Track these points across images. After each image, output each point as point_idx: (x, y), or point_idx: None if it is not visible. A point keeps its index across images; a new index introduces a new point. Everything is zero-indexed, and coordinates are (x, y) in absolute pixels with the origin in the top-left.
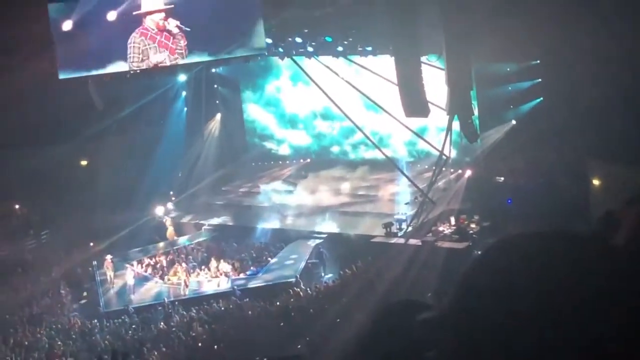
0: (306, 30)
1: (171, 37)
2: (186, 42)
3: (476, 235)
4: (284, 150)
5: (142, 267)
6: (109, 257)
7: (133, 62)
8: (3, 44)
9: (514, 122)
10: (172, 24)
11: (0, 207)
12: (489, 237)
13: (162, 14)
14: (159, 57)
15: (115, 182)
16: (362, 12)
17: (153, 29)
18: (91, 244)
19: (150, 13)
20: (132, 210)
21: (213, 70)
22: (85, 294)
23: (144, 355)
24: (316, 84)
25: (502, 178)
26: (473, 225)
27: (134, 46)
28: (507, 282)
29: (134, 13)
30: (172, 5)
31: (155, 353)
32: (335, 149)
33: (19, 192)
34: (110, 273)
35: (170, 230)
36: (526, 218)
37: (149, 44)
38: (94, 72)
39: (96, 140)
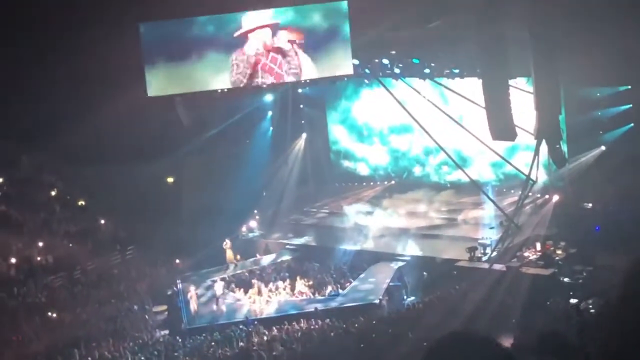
0: (393, 52)
1: (280, 57)
2: (300, 62)
3: (562, 262)
4: (367, 170)
5: (224, 285)
6: (192, 274)
7: (235, 80)
8: (96, 64)
9: (603, 147)
10: (284, 39)
11: (89, 222)
12: (575, 264)
13: (268, 30)
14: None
15: (201, 200)
16: (449, 34)
17: (259, 50)
18: (176, 260)
19: (253, 31)
20: (216, 228)
21: (299, 90)
22: (168, 310)
23: None
24: (402, 106)
25: (590, 204)
26: (559, 252)
27: (237, 64)
28: None
29: (235, 35)
30: (279, 21)
31: None
32: (418, 171)
33: (107, 208)
34: (193, 290)
35: (229, 254)
36: (614, 246)
37: (248, 68)
38: (182, 90)
39: (183, 158)
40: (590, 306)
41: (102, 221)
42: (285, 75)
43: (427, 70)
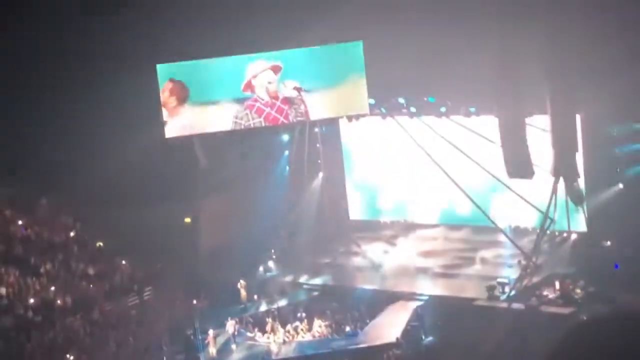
0: (409, 91)
1: (287, 106)
2: (306, 107)
3: (581, 301)
4: (385, 209)
5: (242, 325)
6: (209, 315)
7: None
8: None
9: (621, 185)
10: (289, 87)
11: (106, 263)
12: (594, 302)
13: (270, 73)
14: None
15: (218, 240)
16: (465, 73)
17: (263, 99)
18: (194, 301)
19: (256, 76)
20: (233, 268)
21: (316, 129)
22: (186, 351)
23: None
24: (418, 144)
25: (609, 242)
26: (578, 291)
27: (235, 122)
28: None
29: (242, 88)
30: (279, 62)
31: None
32: (436, 209)
33: (124, 249)
34: (212, 331)
35: (243, 294)
36: (633, 284)
37: (253, 119)
38: (199, 131)
39: (200, 198)
40: None
41: (122, 262)
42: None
43: (443, 109)
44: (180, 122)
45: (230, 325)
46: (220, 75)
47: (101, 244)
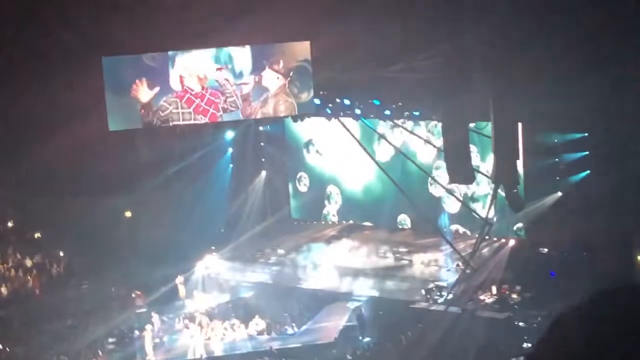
0: (354, 93)
1: (216, 99)
2: (237, 99)
3: (517, 306)
4: (327, 209)
5: (179, 322)
6: (147, 310)
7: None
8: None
9: (559, 193)
10: (221, 77)
11: (44, 254)
12: (530, 308)
13: (202, 64)
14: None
15: (158, 236)
16: (411, 77)
17: (193, 90)
18: (132, 295)
19: (187, 67)
20: (172, 264)
21: (260, 128)
22: (121, 345)
23: None
24: (362, 147)
25: (546, 249)
26: (514, 296)
27: (162, 104)
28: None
29: (171, 79)
30: (212, 55)
31: None
32: (377, 211)
33: (63, 241)
34: (149, 327)
35: (182, 290)
36: (569, 291)
37: (182, 108)
38: (143, 125)
39: (142, 193)
40: None
41: (61, 253)
42: (219, 115)
43: (387, 112)
44: (124, 115)
45: (173, 324)
46: (153, 68)
47: (39, 235)
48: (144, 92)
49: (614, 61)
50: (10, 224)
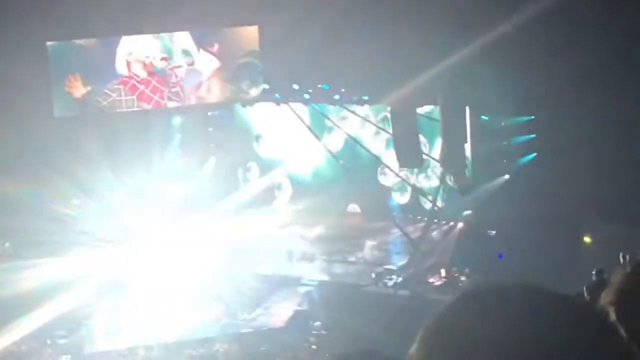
0: (303, 78)
1: (163, 86)
2: (181, 88)
3: (466, 288)
4: (276, 194)
5: (128, 308)
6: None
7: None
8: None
9: (507, 176)
10: (166, 65)
11: None
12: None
13: (149, 49)
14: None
15: (108, 222)
16: (359, 61)
17: (138, 76)
18: (81, 282)
19: (131, 53)
20: (118, 249)
21: (209, 113)
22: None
23: None
24: (311, 131)
25: (494, 232)
26: (463, 278)
27: (106, 93)
28: (469, 338)
29: (117, 64)
30: (158, 40)
31: None
32: (326, 197)
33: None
34: (98, 314)
35: (130, 277)
36: (517, 272)
37: (126, 95)
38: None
39: (88, 181)
40: None
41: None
42: (164, 102)
43: (336, 97)
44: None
45: (106, 307)
46: (100, 54)
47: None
48: (77, 88)
49: (565, 45)
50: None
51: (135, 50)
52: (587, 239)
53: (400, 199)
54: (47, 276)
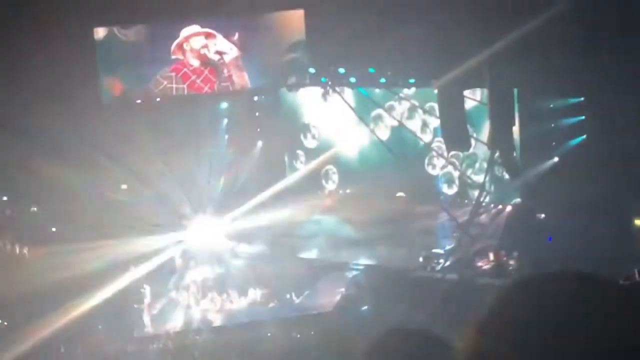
0: (349, 61)
1: (214, 76)
2: (230, 72)
3: (515, 272)
4: (324, 178)
5: (177, 293)
6: (146, 280)
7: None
8: (47, 68)
9: (556, 159)
10: (212, 50)
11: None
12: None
13: (202, 38)
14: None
15: (155, 207)
16: (406, 44)
17: (192, 65)
18: (132, 267)
19: (188, 40)
20: (169, 236)
21: (255, 98)
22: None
23: None
24: (358, 116)
25: (543, 215)
26: (512, 262)
27: (157, 80)
28: (524, 327)
29: (172, 49)
30: (213, 30)
31: None
32: (374, 179)
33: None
34: (146, 297)
35: (178, 261)
36: (566, 256)
37: (177, 83)
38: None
39: (138, 164)
40: None
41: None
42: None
43: (383, 80)
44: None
45: (153, 292)
46: (153, 39)
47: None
48: (116, 89)
49: (616, 26)
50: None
51: (192, 41)
52: (638, 222)
53: (448, 190)
54: (96, 260)
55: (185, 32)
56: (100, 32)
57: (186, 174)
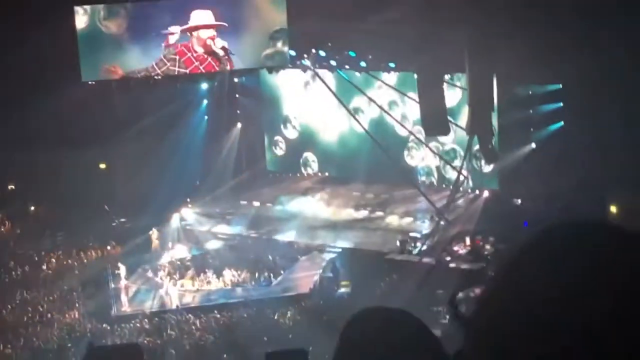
0: (330, 44)
1: (217, 64)
2: (232, 66)
3: (491, 257)
4: (303, 161)
5: (154, 273)
6: (122, 262)
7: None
8: (27, 45)
9: (534, 145)
10: (219, 45)
11: (16, 207)
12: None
13: (212, 31)
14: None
15: (133, 188)
16: (387, 29)
17: (196, 51)
18: (108, 247)
19: (198, 28)
20: (148, 216)
21: (235, 79)
22: (97, 297)
23: None
24: (338, 99)
25: (520, 201)
26: (488, 247)
27: (161, 59)
28: (552, 276)
29: (181, 29)
30: (225, 24)
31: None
32: (353, 163)
33: (36, 193)
34: (123, 277)
35: (155, 243)
36: None
37: (179, 67)
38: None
39: (116, 144)
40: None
41: (32, 207)
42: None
43: (363, 64)
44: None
45: (149, 275)
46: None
47: (13, 187)
48: (117, 75)
49: (592, 14)
50: None
51: (202, 31)
52: (613, 209)
53: (426, 181)
54: (72, 240)
55: (197, 19)
56: (81, 22)
57: (166, 154)
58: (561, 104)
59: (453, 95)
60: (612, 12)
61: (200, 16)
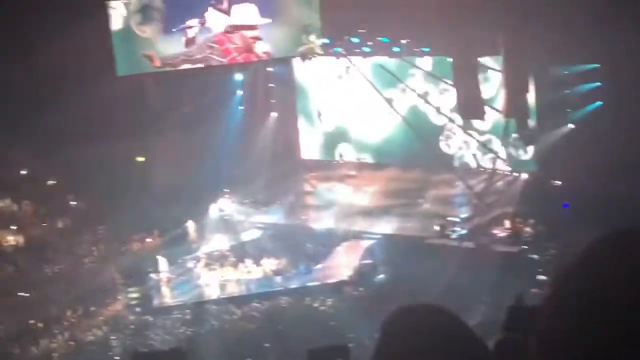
0: (362, 30)
1: (254, 55)
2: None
3: (531, 239)
4: (338, 148)
5: (194, 264)
6: (163, 253)
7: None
8: (62, 39)
9: (571, 125)
10: (260, 49)
11: (57, 202)
12: (544, 241)
13: (256, 32)
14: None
15: (171, 179)
16: (419, 13)
17: (236, 44)
18: (148, 239)
19: (242, 28)
20: (186, 208)
21: (269, 69)
22: (138, 288)
23: (197, 351)
24: (373, 85)
25: (559, 182)
26: (528, 229)
27: (204, 44)
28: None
29: (228, 25)
30: (269, 20)
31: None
32: (390, 148)
33: (75, 187)
34: (165, 268)
35: (192, 234)
36: (583, 223)
37: (217, 56)
38: (153, 69)
39: (153, 137)
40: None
41: (73, 202)
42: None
43: (396, 49)
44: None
45: (189, 266)
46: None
47: (53, 182)
48: (154, 62)
49: None
50: (23, 172)
51: (246, 31)
52: None
53: (464, 165)
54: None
55: (240, 17)
56: (117, 24)
57: (202, 145)
58: (599, 84)
59: (490, 80)
60: None
61: (244, 12)
